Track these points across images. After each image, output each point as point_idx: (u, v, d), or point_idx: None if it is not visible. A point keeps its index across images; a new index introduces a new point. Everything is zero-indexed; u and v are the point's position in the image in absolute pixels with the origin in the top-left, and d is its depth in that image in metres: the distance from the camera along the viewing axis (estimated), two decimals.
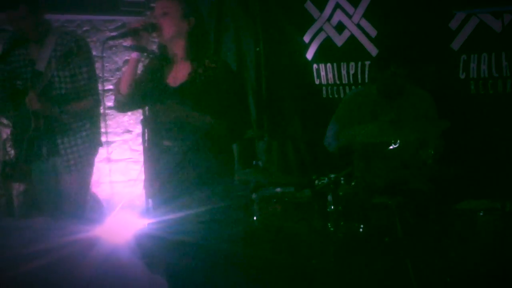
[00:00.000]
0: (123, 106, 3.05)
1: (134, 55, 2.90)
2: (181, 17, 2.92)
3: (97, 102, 3.83)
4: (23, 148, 3.69)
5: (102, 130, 4.08)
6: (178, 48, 2.97)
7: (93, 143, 3.90)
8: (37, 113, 3.62)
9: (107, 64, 5.50)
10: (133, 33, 2.84)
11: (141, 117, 3.14)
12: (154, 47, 3.04)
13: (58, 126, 3.72)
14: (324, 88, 4.80)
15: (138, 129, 5.34)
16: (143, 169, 3.07)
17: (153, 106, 2.98)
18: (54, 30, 3.72)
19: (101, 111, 4.06)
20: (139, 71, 3.01)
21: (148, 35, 2.88)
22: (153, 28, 2.88)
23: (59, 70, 3.64)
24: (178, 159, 2.93)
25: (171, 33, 2.91)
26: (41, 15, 3.65)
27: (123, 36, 2.88)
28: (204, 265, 2.92)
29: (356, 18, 4.54)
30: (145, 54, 2.92)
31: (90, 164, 3.89)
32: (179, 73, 2.98)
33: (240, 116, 2.99)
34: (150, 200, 3.06)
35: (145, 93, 2.97)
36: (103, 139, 4.07)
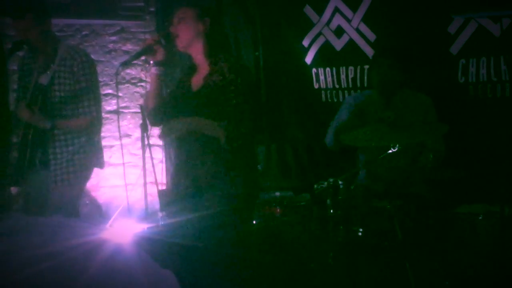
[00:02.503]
0: (154, 118, 3.10)
1: (153, 70, 2.95)
2: (196, 19, 2.97)
3: (97, 119, 3.73)
4: (18, 157, 3.68)
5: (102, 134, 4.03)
6: (197, 51, 3.02)
7: (87, 162, 3.78)
8: (28, 124, 3.60)
9: (106, 68, 5.51)
10: (148, 50, 2.88)
11: (140, 121, 3.16)
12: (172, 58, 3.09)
13: (52, 140, 3.66)
14: (323, 92, 4.80)
15: (137, 133, 5.36)
16: (142, 172, 3.08)
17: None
18: (61, 45, 3.67)
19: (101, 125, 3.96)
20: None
21: (163, 48, 2.93)
22: (167, 38, 2.92)
23: (61, 84, 3.61)
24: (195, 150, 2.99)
25: (188, 37, 2.96)
26: (47, 25, 3.61)
27: (138, 56, 2.92)
28: (204, 268, 2.92)
29: (355, 22, 4.55)
30: (164, 67, 2.98)
31: (76, 184, 3.75)
32: (199, 77, 3.03)
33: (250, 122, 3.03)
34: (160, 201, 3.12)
35: (176, 103, 3.04)
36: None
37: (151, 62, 2.95)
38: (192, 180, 3.01)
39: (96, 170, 3.95)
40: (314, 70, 4.84)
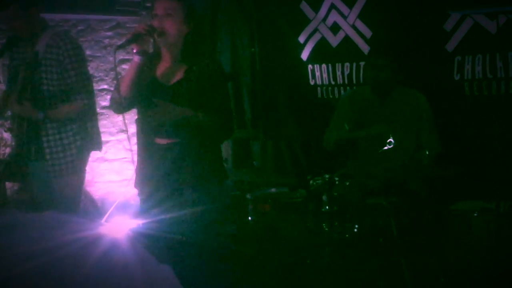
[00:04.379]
0: (122, 108, 3.00)
1: (137, 59, 2.87)
2: (183, 21, 2.91)
3: (88, 106, 3.69)
4: (16, 150, 3.66)
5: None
6: (174, 50, 2.96)
7: (83, 148, 3.74)
8: (21, 116, 3.58)
9: (101, 64, 5.49)
10: (137, 38, 2.83)
11: (136, 116, 3.14)
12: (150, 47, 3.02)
13: (45, 130, 3.64)
14: (319, 88, 4.81)
15: (133, 128, 5.34)
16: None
17: (144, 105, 2.98)
18: (47, 30, 3.65)
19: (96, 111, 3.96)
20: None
21: (151, 38, 2.87)
22: (158, 32, 2.86)
23: (48, 72, 3.58)
24: (171, 156, 2.94)
25: (174, 35, 2.90)
26: (32, 14, 3.58)
27: (129, 43, 2.85)
28: (199, 264, 2.92)
29: (351, 19, 4.55)
30: (147, 57, 2.91)
31: (76, 171, 3.72)
32: (173, 72, 2.98)
33: (228, 115, 3.01)
34: (140, 199, 3.08)
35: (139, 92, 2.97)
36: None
37: (135, 50, 2.86)
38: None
39: (92, 166, 3.93)
40: (310, 66, 4.84)
